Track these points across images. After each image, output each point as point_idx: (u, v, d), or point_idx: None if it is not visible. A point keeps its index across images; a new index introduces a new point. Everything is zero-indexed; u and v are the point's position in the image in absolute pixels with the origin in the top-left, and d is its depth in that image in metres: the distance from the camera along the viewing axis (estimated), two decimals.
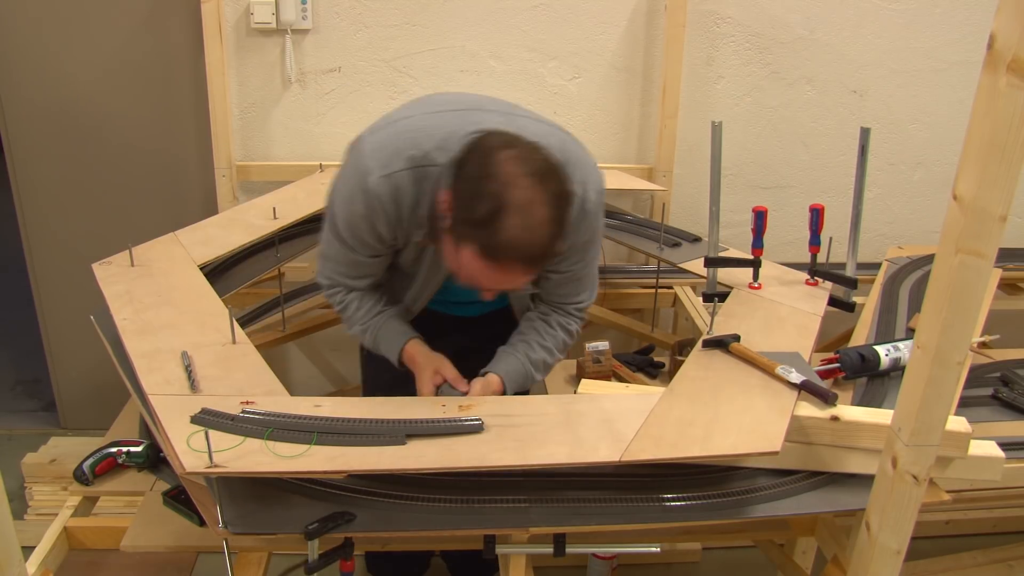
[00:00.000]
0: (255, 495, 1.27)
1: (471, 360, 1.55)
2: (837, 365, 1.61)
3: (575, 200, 1.33)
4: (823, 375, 1.58)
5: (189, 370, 1.38)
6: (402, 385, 1.52)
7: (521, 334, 1.56)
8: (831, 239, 1.79)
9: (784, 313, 1.73)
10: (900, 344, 1.63)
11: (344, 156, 1.42)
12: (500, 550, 1.35)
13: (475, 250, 1.22)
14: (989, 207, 0.98)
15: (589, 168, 1.43)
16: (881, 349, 1.61)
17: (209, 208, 2.47)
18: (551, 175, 1.24)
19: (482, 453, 1.22)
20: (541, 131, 1.37)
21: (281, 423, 1.25)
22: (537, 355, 1.53)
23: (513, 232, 1.19)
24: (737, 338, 1.54)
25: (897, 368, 1.61)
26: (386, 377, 1.63)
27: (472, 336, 1.68)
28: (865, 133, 1.68)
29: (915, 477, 1.17)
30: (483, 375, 1.49)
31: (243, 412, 1.27)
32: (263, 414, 1.27)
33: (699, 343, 1.56)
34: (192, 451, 1.17)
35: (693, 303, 2.31)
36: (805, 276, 1.89)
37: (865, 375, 1.61)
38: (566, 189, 1.26)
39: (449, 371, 1.47)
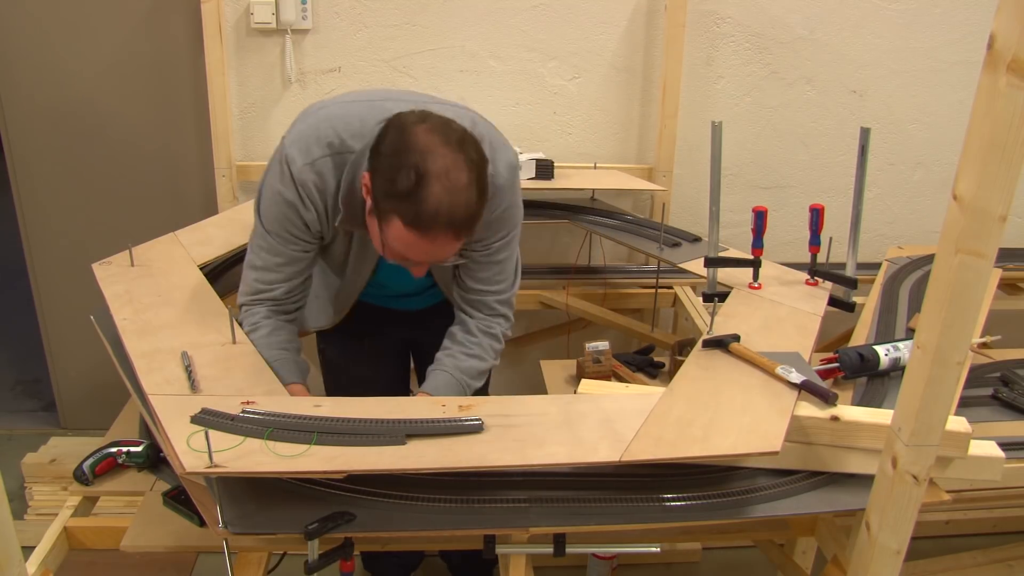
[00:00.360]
0: (255, 495, 1.27)
1: (416, 355, 1.56)
2: (836, 365, 1.61)
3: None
4: (823, 375, 1.57)
5: (189, 370, 1.38)
6: (358, 385, 1.59)
7: (446, 349, 1.59)
8: (831, 239, 1.79)
9: (784, 313, 1.73)
10: (900, 344, 1.63)
11: (267, 165, 1.49)
12: (500, 550, 1.35)
13: (401, 222, 1.25)
14: (989, 207, 0.98)
15: (498, 144, 1.46)
16: (881, 349, 1.61)
17: (209, 208, 2.47)
18: (466, 142, 1.28)
19: (482, 453, 1.22)
20: (452, 111, 1.40)
21: (281, 423, 1.24)
22: (466, 363, 1.56)
23: (437, 199, 1.22)
24: (737, 338, 1.54)
25: (897, 368, 1.61)
26: (343, 381, 1.78)
27: (413, 330, 1.74)
28: (865, 133, 1.68)
29: (915, 477, 1.17)
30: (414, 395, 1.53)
31: (243, 412, 1.27)
32: (263, 414, 1.27)
33: (699, 343, 1.56)
34: (192, 451, 1.17)
35: (693, 303, 2.31)
36: (805, 276, 1.89)
37: (865, 375, 1.61)
38: (483, 155, 1.30)
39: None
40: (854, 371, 1.60)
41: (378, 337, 1.78)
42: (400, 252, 1.32)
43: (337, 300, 1.66)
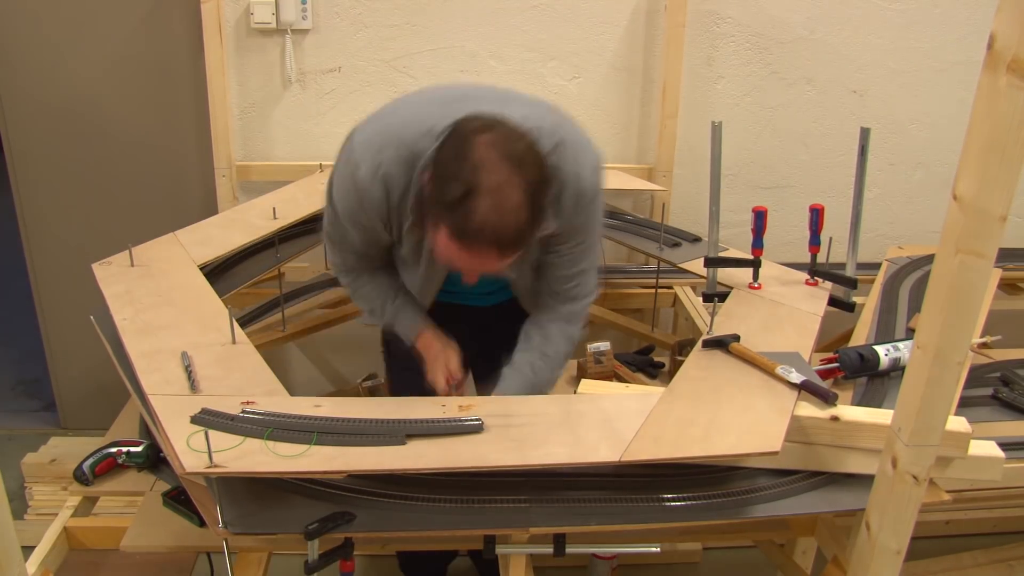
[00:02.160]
0: (255, 495, 1.27)
1: (484, 351, 1.58)
2: (836, 365, 1.61)
3: (568, 180, 1.35)
4: (822, 375, 1.58)
5: (189, 370, 1.38)
6: (420, 379, 1.58)
7: (523, 351, 1.55)
8: (831, 239, 1.79)
9: (784, 313, 1.73)
10: (900, 344, 1.63)
11: (339, 150, 1.44)
12: (500, 550, 1.35)
13: (447, 232, 1.22)
14: (989, 207, 0.98)
15: (584, 148, 1.42)
16: (880, 349, 1.61)
17: (209, 208, 2.47)
18: (528, 160, 1.23)
19: (482, 453, 1.22)
20: (534, 114, 1.37)
21: (281, 423, 1.25)
22: (540, 377, 1.53)
23: (483, 215, 1.18)
24: (737, 338, 1.54)
25: (897, 368, 1.61)
26: (406, 375, 1.67)
27: (477, 331, 1.68)
28: (865, 133, 1.68)
29: (915, 477, 1.17)
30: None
31: (243, 412, 1.27)
32: (263, 414, 1.27)
33: (699, 343, 1.56)
34: (192, 451, 1.17)
35: (693, 303, 2.31)
36: (805, 276, 1.89)
37: (865, 375, 1.62)
38: (544, 176, 1.26)
39: (454, 363, 1.52)
40: (854, 371, 1.60)
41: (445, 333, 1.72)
42: (448, 259, 1.29)
43: (419, 295, 1.63)
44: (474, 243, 1.21)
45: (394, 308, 1.58)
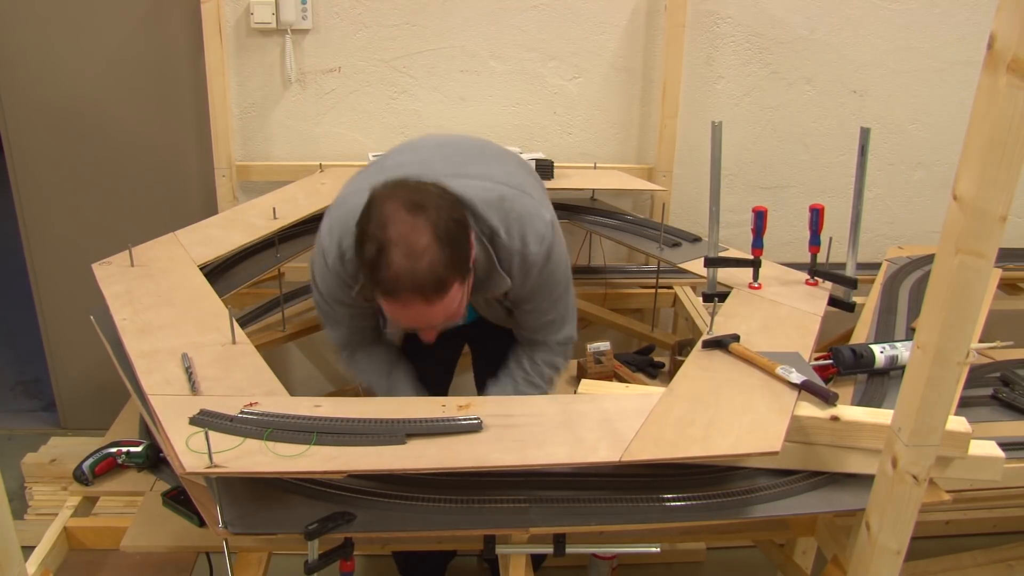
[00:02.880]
0: (255, 495, 1.27)
1: (479, 352, 1.65)
2: (830, 362, 1.61)
3: (515, 251, 1.42)
4: (817, 371, 1.57)
5: (190, 372, 1.38)
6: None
7: (508, 370, 1.63)
8: (831, 239, 1.79)
9: (784, 313, 1.73)
10: (897, 344, 1.63)
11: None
12: (500, 550, 1.35)
13: (378, 293, 1.28)
14: (989, 207, 0.98)
15: (531, 220, 1.45)
16: (876, 347, 1.61)
17: (209, 208, 2.47)
18: (430, 204, 1.27)
19: (482, 453, 1.22)
20: (483, 188, 1.43)
21: (280, 423, 1.25)
22: (522, 389, 1.61)
23: (397, 265, 1.22)
24: (737, 338, 1.54)
25: (894, 366, 1.61)
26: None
27: (470, 330, 1.75)
28: (865, 133, 1.68)
29: (915, 477, 1.17)
30: None
31: (241, 413, 1.27)
32: (262, 415, 1.27)
33: (699, 343, 1.56)
34: (192, 451, 1.17)
35: (693, 303, 2.31)
36: (805, 276, 1.89)
37: (860, 371, 1.61)
38: (454, 215, 1.29)
39: None
40: (848, 367, 1.60)
41: (426, 356, 1.78)
42: (394, 319, 1.35)
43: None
44: (398, 295, 1.25)
45: (389, 384, 1.64)
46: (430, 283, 1.25)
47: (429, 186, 1.31)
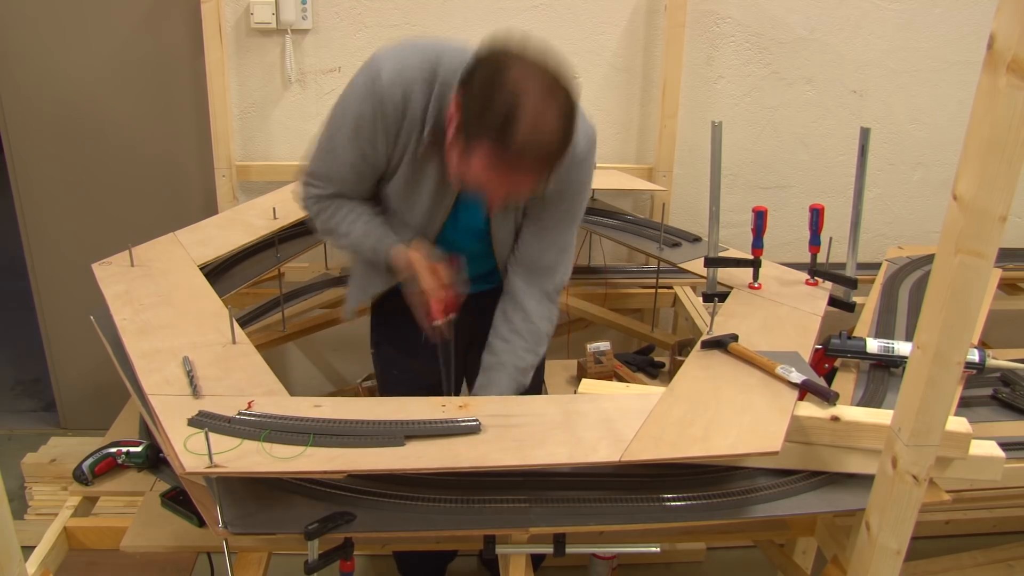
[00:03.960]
0: (255, 495, 1.27)
1: (471, 343, 1.60)
2: (819, 347, 1.61)
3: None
4: (812, 366, 1.57)
5: (191, 374, 1.37)
6: (410, 381, 1.61)
7: (504, 339, 1.57)
8: (831, 239, 1.79)
9: (784, 313, 1.73)
10: (894, 342, 1.63)
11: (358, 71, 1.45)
12: (500, 550, 1.35)
13: (488, 149, 1.25)
14: (989, 207, 0.98)
15: (582, 116, 1.43)
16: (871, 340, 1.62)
17: (209, 208, 2.47)
18: (561, 82, 1.27)
19: (482, 453, 1.22)
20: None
21: (278, 425, 1.24)
22: (524, 361, 1.57)
23: (527, 129, 1.21)
24: (735, 338, 1.54)
25: (890, 356, 1.61)
26: (395, 373, 1.75)
27: (469, 316, 1.67)
28: (865, 133, 1.68)
29: (915, 477, 1.17)
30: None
31: (240, 414, 1.27)
32: (260, 416, 1.26)
33: (699, 343, 1.56)
34: (191, 452, 1.17)
35: (693, 303, 2.31)
36: (805, 276, 1.89)
37: (850, 355, 1.62)
38: (573, 100, 1.29)
39: (446, 275, 1.50)
40: (836, 351, 1.61)
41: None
42: (481, 181, 1.31)
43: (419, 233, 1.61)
44: (518, 161, 1.24)
45: (374, 226, 1.53)
46: (550, 155, 1.26)
47: (553, 58, 1.29)
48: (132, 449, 1.64)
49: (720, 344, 1.53)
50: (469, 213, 1.54)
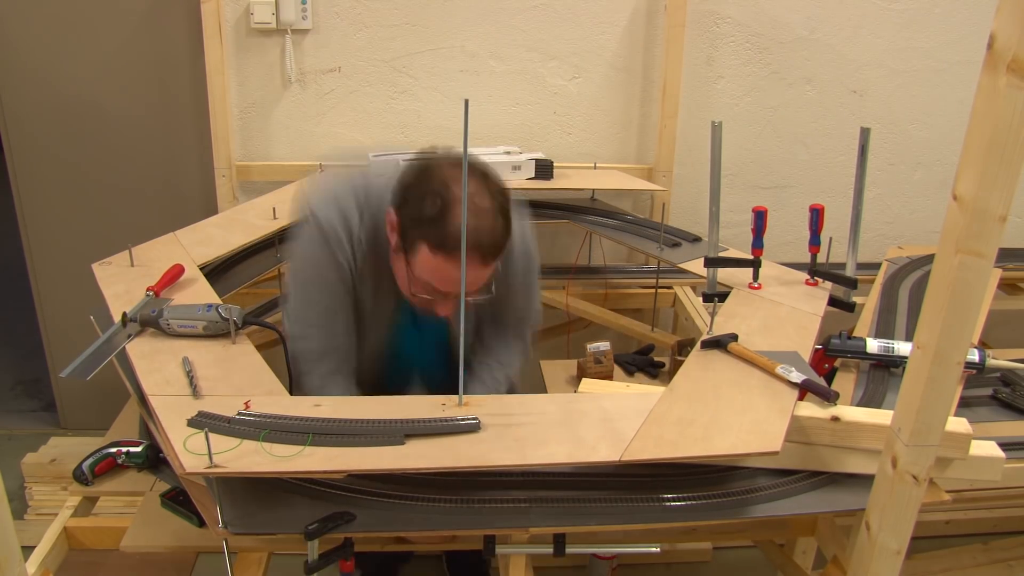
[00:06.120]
0: (255, 495, 1.27)
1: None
2: (819, 347, 1.61)
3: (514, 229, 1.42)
4: (812, 366, 1.57)
5: (190, 374, 1.37)
6: None
7: (484, 363, 1.63)
8: (831, 239, 1.79)
9: (784, 313, 1.73)
10: (894, 342, 1.63)
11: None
12: (500, 550, 1.35)
13: (429, 247, 1.29)
14: (989, 207, 0.98)
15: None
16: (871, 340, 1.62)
17: (209, 208, 2.47)
18: (489, 174, 1.34)
19: (482, 453, 1.22)
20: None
21: (277, 425, 1.24)
22: (499, 374, 1.62)
23: (460, 217, 1.23)
24: (735, 337, 1.54)
25: (890, 354, 1.61)
26: None
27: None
28: (865, 133, 1.68)
29: (915, 477, 1.17)
30: None
31: (239, 415, 1.27)
32: (259, 416, 1.26)
33: (698, 343, 1.56)
34: (191, 452, 1.17)
35: (693, 303, 2.31)
36: (805, 276, 1.89)
37: (850, 355, 1.62)
38: (503, 187, 1.35)
39: None
40: (836, 351, 1.61)
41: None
42: (428, 282, 1.35)
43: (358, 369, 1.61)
44: (456, 251, 1.26)
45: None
46: (490, 244, 1.30)
47: (477, 158, 1.37)
48: (132, 449, 1.64)
49: (720, 344, 1.53)
50: (430, 326, 1.56)
